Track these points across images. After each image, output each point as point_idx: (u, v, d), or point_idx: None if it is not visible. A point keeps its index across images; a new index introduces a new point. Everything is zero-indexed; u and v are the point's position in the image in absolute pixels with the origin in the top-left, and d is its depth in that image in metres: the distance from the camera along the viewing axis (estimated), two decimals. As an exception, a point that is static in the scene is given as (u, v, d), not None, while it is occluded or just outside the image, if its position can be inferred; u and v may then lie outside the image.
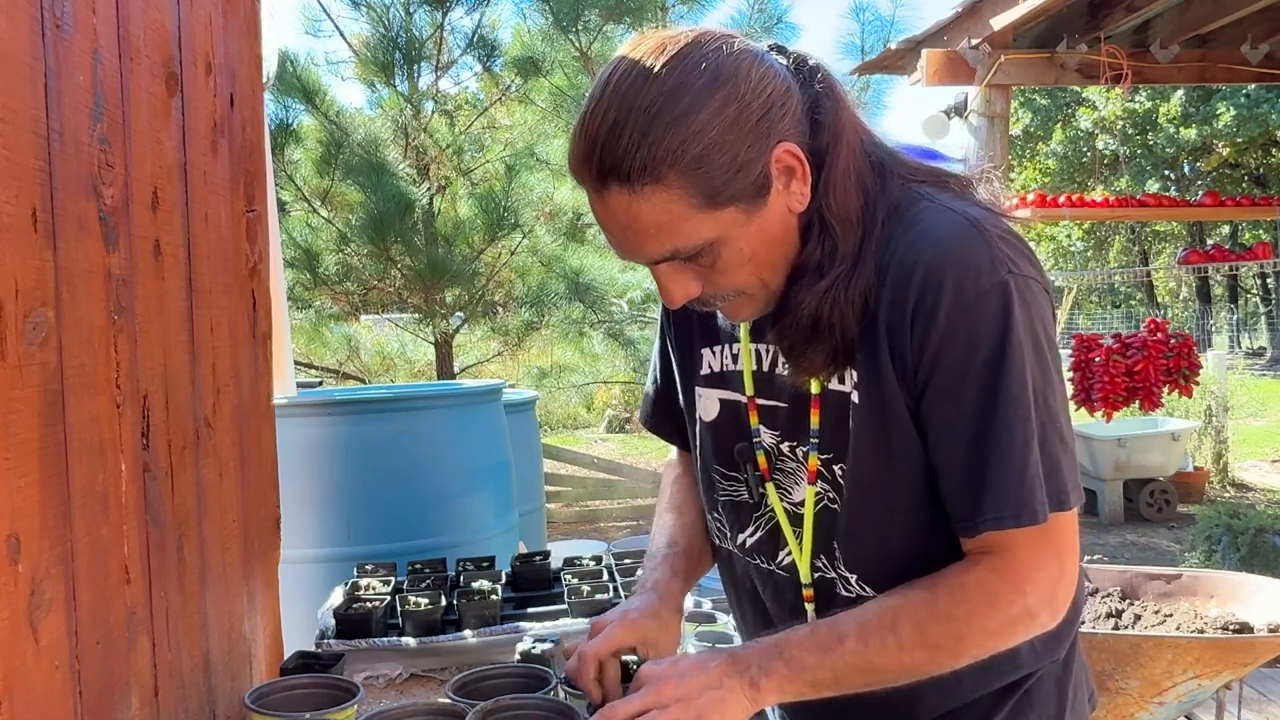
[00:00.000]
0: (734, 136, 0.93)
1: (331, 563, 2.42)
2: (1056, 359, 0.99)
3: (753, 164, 0.95)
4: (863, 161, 1.03)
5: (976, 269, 0.95)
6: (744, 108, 0.93)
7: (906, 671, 0.99)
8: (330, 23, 7.69)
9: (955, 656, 0.99)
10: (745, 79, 0.94)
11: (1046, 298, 1.00)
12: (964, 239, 0.96)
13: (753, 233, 0.98)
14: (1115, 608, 2.77)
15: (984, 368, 0.95)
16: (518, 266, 7.98)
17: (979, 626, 0.97)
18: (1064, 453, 0.97)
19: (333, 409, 2.59)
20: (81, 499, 1.07)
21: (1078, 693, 1.17)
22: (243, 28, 1.68)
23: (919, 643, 0.97)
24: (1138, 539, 6.94)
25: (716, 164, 0.93)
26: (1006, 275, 0.95)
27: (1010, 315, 0.94)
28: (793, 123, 0.98)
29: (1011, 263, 0.96)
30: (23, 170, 0.96)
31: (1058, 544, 0.98)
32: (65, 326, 1.04)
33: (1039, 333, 0.97)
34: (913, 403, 1.00)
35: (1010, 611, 0.97)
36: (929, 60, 5.25)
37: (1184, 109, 18.21)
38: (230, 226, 1.61)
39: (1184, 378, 6.07)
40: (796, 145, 0.97)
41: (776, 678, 0.98)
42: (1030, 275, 0.98)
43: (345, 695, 1.38)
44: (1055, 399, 0.97)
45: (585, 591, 1.87)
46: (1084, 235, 22.53)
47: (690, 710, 0.97)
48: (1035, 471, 0.95)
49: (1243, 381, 12.04)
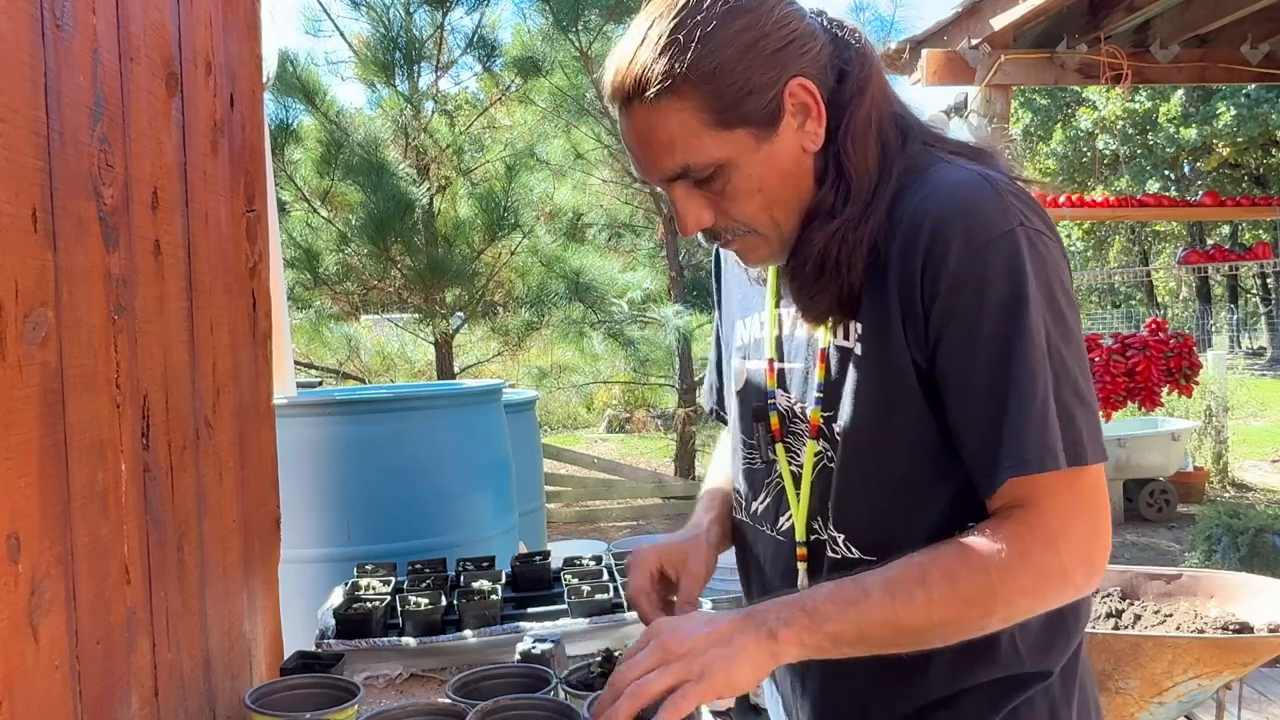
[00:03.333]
0: (749, 60, 0.98)
1: (331, 563, 2.42)
2: (1075, 314, 0.98)
3: (764, 90, 0.99)
4: (887, 119, 1.05)
5: (986, 219, 0.95)
6: (761, 35, 0.98)
7: (935, 628, 0.95)
8: (330, 23, 7.70)
9: (986, 614, 0.95)
10: (768, 12, 0.99)
11: (1061, 253, 0.99)
12: (974, 192, 0.97)
13: (762, 159, 1.01)
14: (1115, 608, 2.77)
15: (995, 316, 0.94)
16: (518, 266, 7.98)
17: (1012, 582, 0.93)
18: (1080, 407, 0.94)
19: (333, 409, 2.59)
20: (81, 499, 1.07)
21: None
22: (243, 28, 1.68)
23: (949, 597, 0.93)
24: (1138, 539, 6.94)
25: (729, 83, 0.98)
26: (1017, 226, 0.95)
27: (1020, 264, 0.94)
28: (813, 64, 1.02)
29: (1023, 215, 0.96)
30: (23, 170, 0.96)
31: (1089, 499, 0.95)
32: (65, 326, 1.04)
33: (1053, 285, 0.96)
34: (925, 361, 0.98)
35: (1043, 566, 0.93)
36: (929, 60, 5.25)
37: (1184, 109, 18.21)
38: (230, 226, 1.61)
39: (1184, 378, 6.08)
40: (814, 85, 1.01)
41: (797, 628, 0.94)
42: (1043, 230, 0.97)
43: (345, 695, 1.38)
44: (1071, 353, 0.95)
45: (585, 591, 1.87)
46: (1084, 235, 22.53)
47: (694, 666, 0.92)
48: (1053, 420, 0.92)
49: (1243, 381, 12.04)
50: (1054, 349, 0.94)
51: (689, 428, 8.54)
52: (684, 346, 8.29)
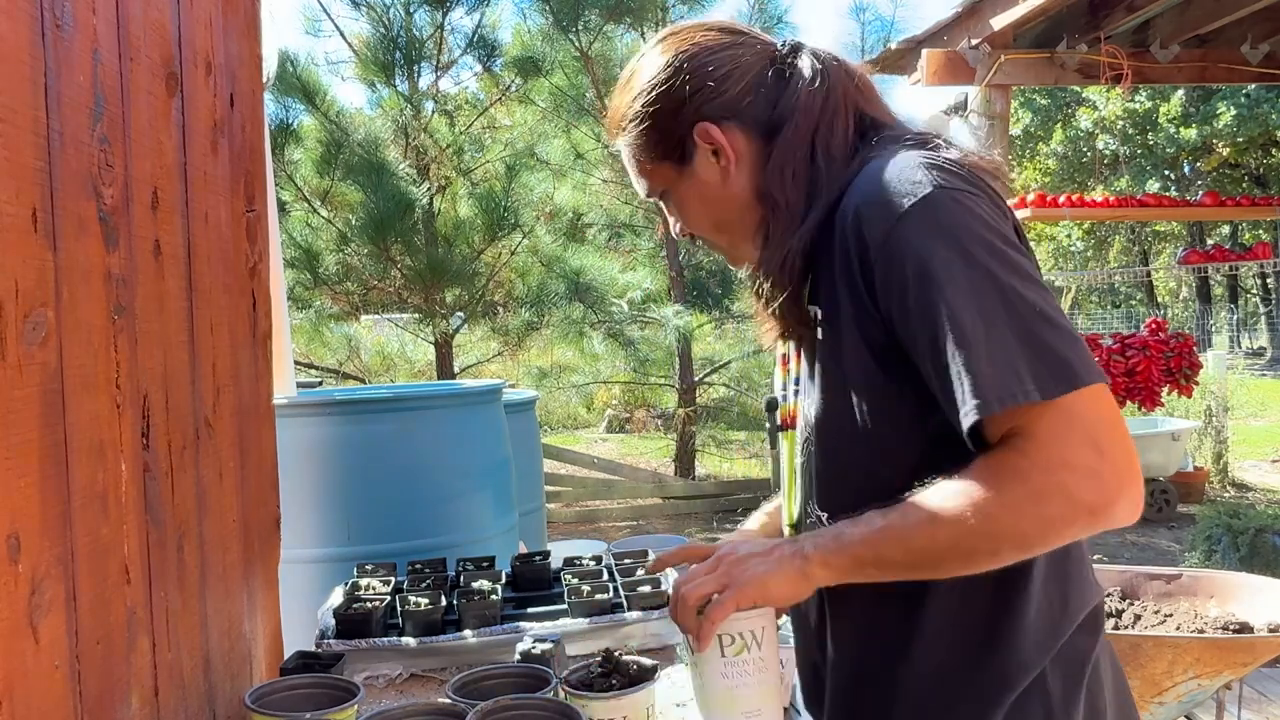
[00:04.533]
0: (658, 109, 1.16)
1: (331, 563, 2.42)
2: (1025, 257, 0.99)
3: (672, 132, 1.16)
4: (836, 135, 1.11)
5: (901, 190, 0.99)
6: (669, 88, 1.14)
7: (940, 546, 0.97)
8: (330, 23, 7.71)
9: (987, 535, 0.95)
10: (680, 68, 1.14)
11: (993, 206, 1.01)
12: (891, 171, 1.01)
13: (688, 188, 1.18)
14: (1115, 608, 2.77)
15: (927, 275, 0.96)
16: (518, 266, 7.98)
17: (1006, 498, 0.93)
18: (1055, 333, 0.94)
19: (333, 409, 2.59)
20: (81, 499, 1.07)
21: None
22: (243, 28, 1.68)
23: (948, 513, 0.96)
24: (1138, 539, 6.94)
25: (647, 129, 1.17)
26: (933, 189, 0.98)
27: (941, 221, 0.97)
28: (727, 106, 1.14)
29: (940, 179, 0.99)
30: (23, 170, 0.96)
31: (1085, 425, 0.92)
32: (65, 326, 1.04)
33: (984, 233, 0.97)
34: (886, 336, 1.02)
35: (1039, 486, 0.92)
36: (929, 60, 5.25)
37: (1184, 109, 18.21)
38: (230, 226, 1.61)
39: (1184, 378, 6.08)
40: (721, 126, 1.13)
41: (823, 550, 1.03)
42: (964, 188, 0.99)
43: (345, 695, 1.38)
44: (1029, 288, 0.95)
45: (585, 591, 1.87)
46: (1084, 235, 22.52)
47: (735, 574, 1.05)
48: (1012, 355, 0.92)
49: (1243, 381, 12.03)
50: (1005, 287, 0.94)
51: (689, 428, 8.54)
52: (684, 346, 8.29)
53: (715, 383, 8.98)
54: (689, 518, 7.91)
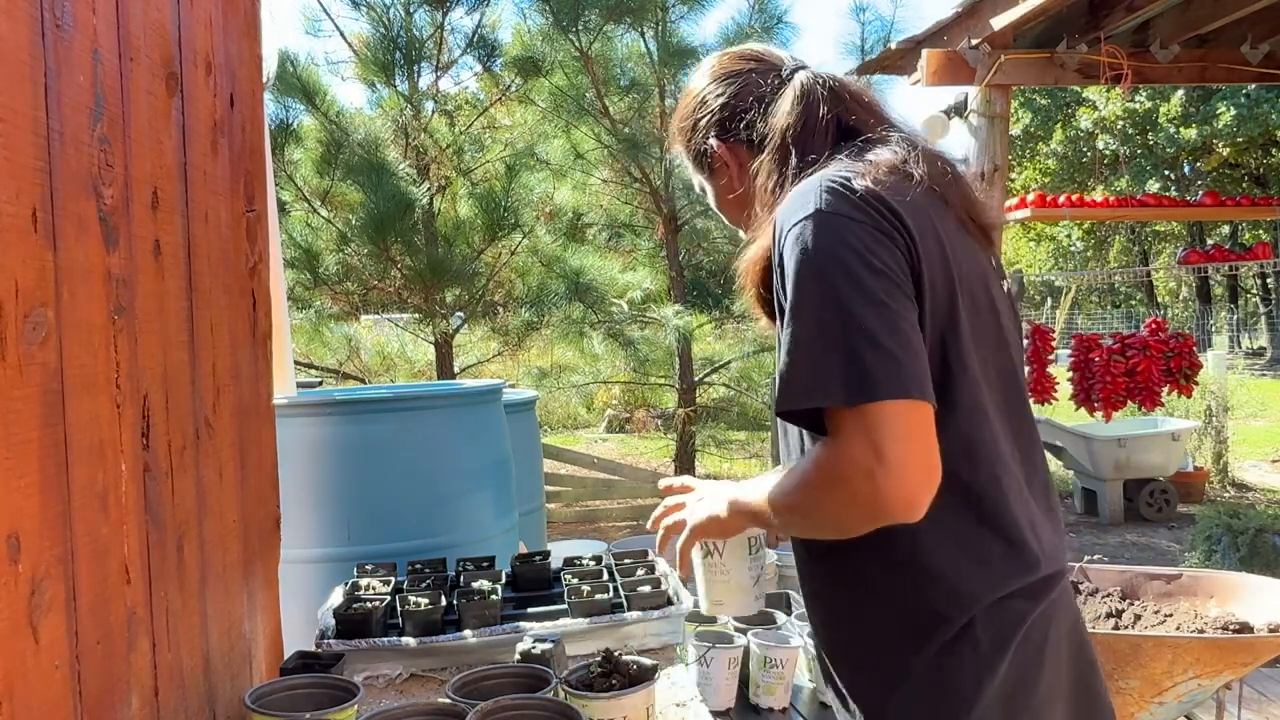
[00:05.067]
0: (690, 130, 1.44)
1: (331, 563, 2.42)
2: (877, 278, 1.11)
3: (697, 146, 1.43)
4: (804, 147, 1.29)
5: (791, 212, 1.17)
6: (698, 115, 1.43)
7: (790, 515, 1.21)
8: (330, 23, 7.70)
9: (805, 511, 1.18)
10: (703, 99, 1.42)
11: (866, 230, 1.13)
12: (805, 186, 1.20)
13: (719, 190, 1.45)
14: (1115, 608, 2.77)
15: (790, 286, 1.13)
16: (518, 266, 7.98)
17: (811, 479, 1.15)
18: (870, 349, 1.07)
19: (333, 409, 2.59)
20: (81, 499, 1.07)
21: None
22: (243, 28, 1.68)
23: (789, 487, 1.19)
24: (1138, 539, 6.94)
25: (686, 143, 1.46)
26: (812, 213, 1.14)
27: (808, 243, 1.13)
28: (728, 128, 1.38)
29: (824, 202, 1.15)
30: (23, 170, 0.96)
31: (868, 430, 1.07)
32: (65, 326, 1.04)
33: (843, 255, 1.12)
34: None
35: (828, 475, 1.11)
36: (929, 60, 5.24)
37: (1184, 109, 18.21)
38: (230, 226, 1.61)
39: (1184, 378, 6.08)
40: (730, 145, 1.38)
41: (738, 500, 1.30)
42: (842, 212, 1.14)
43: (345, 695, 1.38)
44: (868, 310, 1.09)
45: (585, 591, 1.87)
46: (1084, 235, 22.54)
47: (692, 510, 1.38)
48: (831, 364, 1.08)
49: (1243, 381, 12.03)
50: (843, 305, 1.09)
51: (689, 428, 8.54)
52: (684, 346, 8.28)
53: (715, 383, 8.98)
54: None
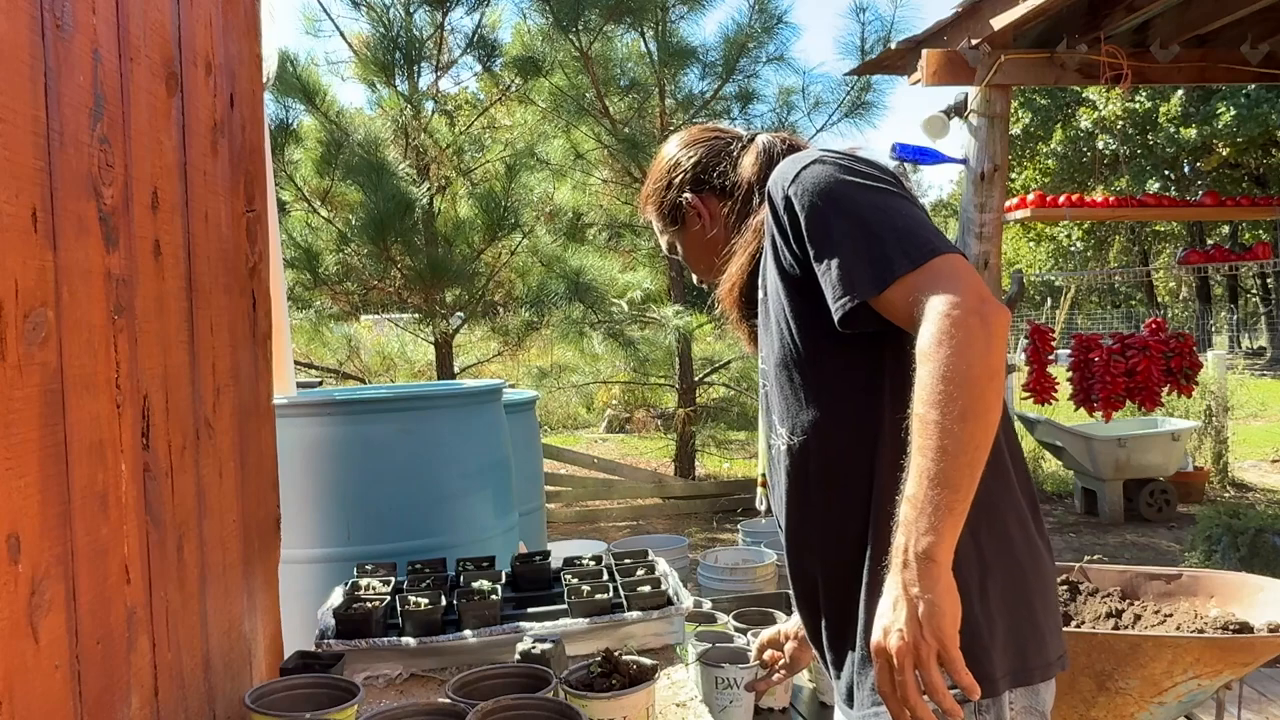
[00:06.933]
0: (664, 189, 1.61)
1: (331, 563, 2.42)
2: (893, 184, 1.27)
3: (670, 204, 1.60)
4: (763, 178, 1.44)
5: (791, 167, 1.31)
6: (672, 175, 1.60)
7: (959, 427, 1.10)
8: (330, 23, 7.70)
9: (971, 377, 1.11)
10: (676, 161, 1.60)
11: (867, 164, 1.29)
12: (789, 160, 1.35)
13: (687, 243, 1.61)
14: (1115, 608, 2.77)
15: (818, 211, 1.25)
16: (518, 266, 7.98)
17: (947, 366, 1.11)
18: (914, 223, 1.22)
19: (333, 409, 2.59)
20: (81, 499, 1.07)
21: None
22: (243, 28, 1.68)
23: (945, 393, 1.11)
24: (1138, 539, 6.94)
25: (660, 203, 1.62)
26: (814, 160, 1.30)
27: (823, 173, 1.27)
28: (699, 180, 1.56)
29: (821, 154, 1.31)
30: (23, 170, 0.96)
31: (947, 271, 1.17)
32: (65, 326, 1.04)
33: (858, 172, 1.27)
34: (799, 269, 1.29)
35: (948, 333, 1.12)
36: (929, 60, 5.24)
37: (1184, 109, 18.20)
38: (230, 226, 1.61)
39: (1184, 378, 6.08)
40: (703, 196, 1.56)
41: (917, 534, 1.11)
42: (840, 157, 1.30)
43: (345, 695, 1.38)
44: (891, 201, 1.24)
45: (585, 591, 1.87)
46: (1084, 235, 22.53)
47: (918, 631, 1.09)
48: (891, 244, 1.20)
49: (1243, 381, 12.02)
50: (872, 204, 1.24)
51: (689, 428, 8.54)
52: (684, 346, 8.28)
53: (715, 383, 8.98)
54: (689, 518, 7.91)
